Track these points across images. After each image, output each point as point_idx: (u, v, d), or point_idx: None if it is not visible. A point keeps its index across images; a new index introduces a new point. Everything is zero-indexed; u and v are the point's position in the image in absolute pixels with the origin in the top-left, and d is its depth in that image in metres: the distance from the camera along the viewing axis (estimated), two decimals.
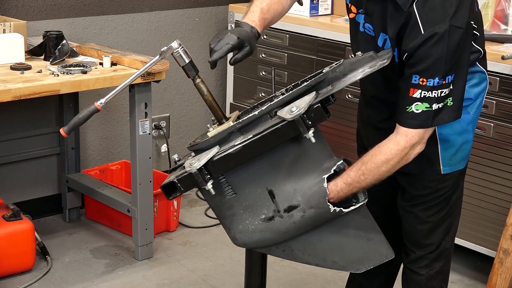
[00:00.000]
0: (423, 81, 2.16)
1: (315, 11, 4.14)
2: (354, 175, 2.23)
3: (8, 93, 3.16)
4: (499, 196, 3.46)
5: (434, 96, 2.17)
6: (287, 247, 2.33)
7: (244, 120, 2.24)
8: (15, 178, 4.07)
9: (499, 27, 3.59)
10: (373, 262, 2.34)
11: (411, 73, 2.18)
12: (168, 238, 4.04)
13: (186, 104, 4.67)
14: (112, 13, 4.25)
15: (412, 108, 2.19)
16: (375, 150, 2.24)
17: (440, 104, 2.19)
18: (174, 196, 2.25)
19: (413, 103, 2.18)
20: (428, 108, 2.18)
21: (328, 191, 2.22)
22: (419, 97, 2.18)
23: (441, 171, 2.40)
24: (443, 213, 2.47)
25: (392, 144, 2.22)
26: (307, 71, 3.92)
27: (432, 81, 2.16)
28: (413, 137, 2.21)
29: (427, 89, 2.16)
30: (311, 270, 3.69)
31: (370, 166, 2.22)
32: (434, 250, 2.51)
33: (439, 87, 2.17)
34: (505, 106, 3.39)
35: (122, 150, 4.44)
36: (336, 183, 2.23)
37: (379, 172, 2.22)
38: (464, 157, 2.44)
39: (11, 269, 3.56)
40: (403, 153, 2.21)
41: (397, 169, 2.24)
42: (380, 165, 2.22)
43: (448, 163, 2.40)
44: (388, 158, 2.21)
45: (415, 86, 2.18)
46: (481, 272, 3.70)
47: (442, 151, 2.38)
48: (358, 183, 2.23)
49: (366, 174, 2.22)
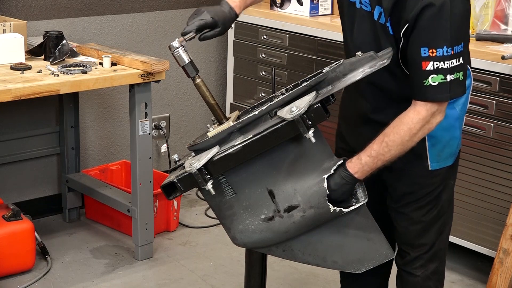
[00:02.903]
0: (432, 52, 2.17)
1: (315, 11, 4.15)
2: (377, 147, 2.22)
3: (8, 93, 3.16)
4: (499, 196, 3.46)
5: (447, 67, 2.18)
6: (287, 247, 2.33)
7: (244, 120, 2.24)
8: (15, 178, 4.07)
9: (499, 27, 3.59)
10: (373, 262, 2.35)
11: (419, 47, 2.18)
12: (168, 238, 4.04)
13: (186, 104, 4.67)
14: (112, 13, 4.25)
15: (429, 81, 2.19)
16: (396, 122, 2.23)
17: (453, 76, 2.19)
18: (174, 196, 2.25)
19: (429, 76, 2.18)
20: (443, 79, 2.18)
21: (350, 169, 2.22)
22: (432, 68, 2.18)
23: (428, 167, 2.41)
24: (434, 212, 2.47)
25: (412, 114, 2.21)
26: (307, 71, 3.92)
27: (441, 50, 2.16)
28: (432, 106, 2.21)
29: (439, 59, 2.17)
30: (311, 270, 3.69)
31: (393, 137, 2.21)
32: (428, 251, 2.50)
33: (450, 57, 2.17)
34: (505, 106, 3.39)
35: (122, 150, 4.44)
36: (360, 157, 2.23)
37: (402, 142, 2.21)
38: (452, 154, 2.45)
39: (11, 269, 3.56)
40: (424, 121, 2.21)
41: (420, 139, 2.23)
42: (403, 135, 2.21)
43: (436, 159, 2.41)
44: (411, 127, 2.21)
45: (426, 58, 2.18)
46: (481, 272, 3.70)
47: (429, 147, 2.39)
48: (383, 156, 2.22)
49: (390, 146, 2.21)
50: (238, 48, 4.45)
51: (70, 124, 4.06)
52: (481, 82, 3.43)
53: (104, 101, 4.30)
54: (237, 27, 4.37)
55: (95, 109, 4.28)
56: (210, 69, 4.73)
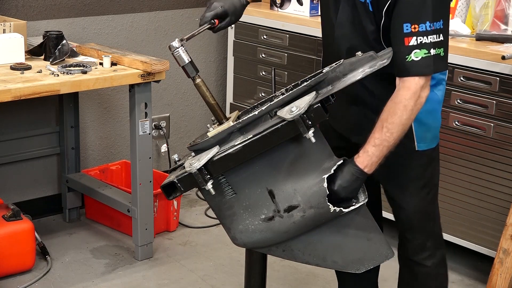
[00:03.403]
0: (415, 27, 2.20)
1: (315, 11, 4.14)
2: (379, 135, 2.24)
3: (8, 93, 3.16)
4: (499, 196, 3.46)
5: (430, 41, 2.21)
6: (287, 247, 2.33)
7: (244, 120, 2.24)
8: (15, 178, 4.07)
9: (499, 27, 3.59)
10: (373, 262, 2.35)
11: (401, 23, 2.21)
12: (168, 238, 4.05)
13: (186, 104, 4.67)
14: (112, 13, 4.25)
15: (412, 57, 2.22)
16: (389, 104, 2.25)
17: (435, 51, 2.22)
18: (174, 196, 2.25)
19: (412, 51, 2.21)
20: (427, 54, 2.21)
21: (358, 164, 2.23)
22: (415, 44, 2.21)
23: (415, 147, 2.47)
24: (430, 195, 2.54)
25: (403, 91, 2.24)
26: (307, 71, 3.92)
27: (423, 25, 2.20)
28: (420, 79, 2.24)
29: (421, 34, 2.20)
30: (311, 270, 3.69)
31: (392, 120, 2.23)
32: (431, 235, 2.55)
33: (432, 32, 2.20)
34: (505, 106, 3.39)
35: (122, 150, 4.44)
36: (366, 150, 2.24)
37: (401, 121, 2.23)
38: (435, 136, 2.51)
39: (11, 269, 3.56)
40: (416, 96, 2.24)
41: (415, 114, 2.26)
42: (400, 114, 2.23)
43: (422, 139, 2.46)
44: (405, 104, 2.23)
45: (408, 34, 2.21)
46: (481, 272, 3.70)
47: (415, 128, 2.44)
48: (387, 141, 2.24)
49: (391, 129, 2.23)
50: (238, 48, 4.45)
51: (70, 124, 4.06)
52: (481, 82, 3.43)
53: (104, 101, 4.30)
54: (237, 27, 4.37)
55: (95, 109, 4.28)
56: (210, 69, 4.73)
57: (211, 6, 2.46)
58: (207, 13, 2.45)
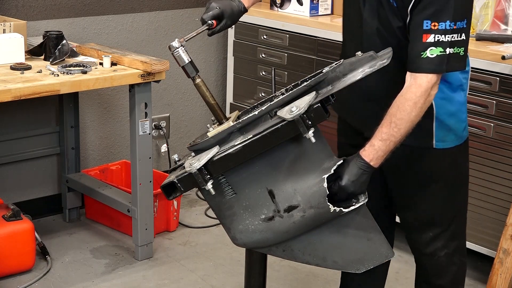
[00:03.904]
0: (434, 25, 2.21)
1: (315, 11, 4.15)
2: (387, 130, 2.24)
3: (8, 93, 3.16)
4: (499, 196, 3.46)
5: (448, 40, 2.22)
6: (287, 247, 2.32)
7: (244, 120, 2.24)
8: (15, 178, 4.07)
9: (499, 27, 3.59)
10: (373, 262, 2.34)
11: (422, 19, 2.22)
12: (168, 238, 4.05)
13: (186, 104, 4.67)
14: (112, 13, 4.25)
15: (427, 53, 2.23)
16: (399, 99, 2.25)
17: (452, 50, 2.23)
18: (174, 196, 2.25)
19: (428, 48, 2.22)
20: (442, 52, 2.22)
21: (364, 158, 2.24)
22: (432, 41, 2.22)
23: (433, 145, 2.46)
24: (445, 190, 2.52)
25: (414, 88, 2.24)
26: (307, 71, 3.92)
27: (443, 24, 2.20)
28: (432, 78, 2.25)
29: (440, 32, 2.21)
30: (311, 270, 3.69)
31: (400, 115, 2.24)
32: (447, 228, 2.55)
33: (451, 31, 2.21)
34: (505, 106, 3.39)
35: (122, 150, 4.44)
36: (372, 144, 2.25)
37: (410, 118, 2.24)
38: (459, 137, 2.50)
39: (11, 269, 3.56)
40: (426, 94, 2.25)
41: (424, 111, 2.26)
42: (410, 111, 2.23)
43: (441, 140, 2.46)
44: (415, 101, 2.23)
45: (427, 31, 2.22)
46: (481, 272, 3.70)
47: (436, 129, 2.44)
48: (394, 137, 2.24)
49: (399, 125, 2.23)
50: (238, 48, 4.45)
51: (70, 124, 4.06)
52: (481, 82, 3.43)
53: (104, 101, 4.30)
54: (237, 27, 4.37)
55: (95, 109, 4.28)
56: (210, 69, 4.73)
57: (210, 7, 2.48)
58: (204, 14, 2.47)
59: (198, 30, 2.43)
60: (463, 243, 2.64)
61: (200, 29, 2.45)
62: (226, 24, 2.48)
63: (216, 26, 2.47)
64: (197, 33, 2.42)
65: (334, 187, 2.23)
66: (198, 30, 2.43)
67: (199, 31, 2.43)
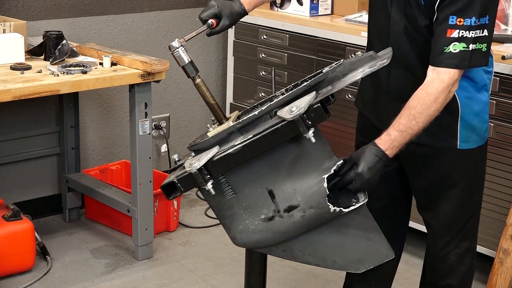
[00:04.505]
0: (460, 21, 2.22)
1: (315, 11, 4.15)
2: (405, 121, 2.25)
3: (8, 93, 3.16)
4: (499, 196, 3.46)
5: (471, 36, 2.23)
6: (287, 247, 2.33)
7: (244, 120, 2.24)
8: (15, 178, 4.07)
9: (499, 27, 3.59)
10: (373, 262, 2.34)
11: (448, 15, 2.23)
12: (168, 238, 4.05)
13: (186, 104, 4.67)
14: (112, 13, 4.25)
15: (450, 48, 2.24)
16: (420, 93, 2.26)
17: (475, 46, 2.24)
18: (174, 196, 2.25)
19: (451, 43, 2.24)
20: (465, 48, 2.23)
21: (380, 146, 2.24)
22: (457, 36, 2.23)
23: (457, 146, 2.46)
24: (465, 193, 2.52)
25: (437, 83, 2.25)
26: (307, 71, 3.92)
27: (469, 20, 2.22)
28: (454, 74, 2.26)
29: (465, 28, 2.22)
30: (311, 270, 3.69)
31: (420, 109, 2.24)
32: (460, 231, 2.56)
33: (476, 27, 2.22)
34: (505, 106, 3.39)
35: (122, 150, 4.44)
36: (389, 133, 2.25)
37: (429, 113, 2.25)
38: (481, 137, 2.50)
39: (11, 269, 3.56)
40: (448, 89, 2.26)
41: (442, 108, 2.27)
42: (429, 105, 2.24)
43: (465, 140, 2.46)
44: (436, 96, 2.24)
45: (452, 27, 2.23)
46: (481, 272, 3.69)
47: (461, 129, 2.44)
48: (411, 129, 2.25)
49: (418, 118, 2.24)
50: (238, 48, 4.45)
51: (70, 124, 4.06)
52: None
53: (104, 101, 4.30)
54: (237, 27, 4.37)
55: (95, 109, 4.28)
56: (210, 69, 4.73)
57: (208, 5, 2.48)
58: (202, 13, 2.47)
59: (198, 30, 2.43)
60: (474, 244, 2.64)
61: (200, 29, 2.45)
62: (224, 24, 2.47)
63: (216, 26, 2.47)
64: (197, 33, 2.42)
65: (350, 175, 2.22)
66: (198, 30, 2.43)
67: (199, 31, 2.43)
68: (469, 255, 2.61)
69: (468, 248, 2.60)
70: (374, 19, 2.53)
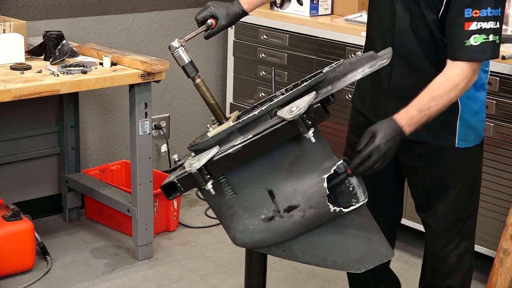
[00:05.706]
0: (476, 12, 2.22)
1: (315, 11, 4.15)
2: (425, 101, 2.24)
3: (8, 93, 3.16)
4: (499, 196, 3.46)
5: (490, 27, 2.23)
6: (287, 247, 2.33)
7: (244, 120, 2.24)
8: (15, 178, 4.07)
9: None
10: (373, 262, 2.34)
11: (462, 8, 2.23)
12: (168, 238, 4.05)
13: (186, 104, 4.67)
14: (112, 13, 4.25)
15: (471, 42, 2.24)
16: (441, 78, 2.26)
17: (494, 37, 2.24)
18: (174, 196, 2.25)
19: (471, 36, 2.23)
20: (486, 39, 2.23)
21: (398, 121, 2.23)
22: (475, 29, 2.23)
23: (455, 144, 2.47)
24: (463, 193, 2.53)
25: (458, 70, 2.26)
26: (307, 71, 3.92)
27: (485, 11, 2.22)
28: (474, 64, 2.26)
29: (482, 19, 2.22)
30: (311, 270, 3.69)
31: (441, 92, 2.24)
32: (459, 231, 2.56)
33: (492, 18, 2.22)
34: (505, 106, 3.39)
35: (122, 150, 4.44)
36: (407, 110, 2.24)
37: (449, 97, 2.25)
38: (478, 136, 2.51)
39: (11, 269, 3.56)
40: (468, 78, 2.26)
41: (460, 95, 2.28)
42: (450, 90, 2.25)
43: (463, 138, 2.47)
44: (457, 83, 2.25)
45: (469, 19, 2.23)
46: (481, 272, 3.70)
47: (459, 127, 2.45)
48: (429, 110, 2.25)
49: (437, 100, 2.24)
50: (238, 48, 4.45)
51: (70, 124, 4.06)
52: None
53: (104, 101, 4.30)
54: (237, 27, 4.37)
55: (95, 109, 4.28)
56: (210, 69, 4.73)
57: (204, 6, 2.49)
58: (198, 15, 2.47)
59: (197, 30, 2.43)
60: (472, 244, 2.65)
61: (200, 29, 2.45)
62: (221, 24, 2.47)
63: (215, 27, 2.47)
64: (197, 33, 2.43)
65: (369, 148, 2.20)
66: (197, 30, 2.43)
67: (199, 31, 2.44)
68: (468, 255, 2.61)
69: (467, 248, 2.61)
70: (376, 17, 2.52)
